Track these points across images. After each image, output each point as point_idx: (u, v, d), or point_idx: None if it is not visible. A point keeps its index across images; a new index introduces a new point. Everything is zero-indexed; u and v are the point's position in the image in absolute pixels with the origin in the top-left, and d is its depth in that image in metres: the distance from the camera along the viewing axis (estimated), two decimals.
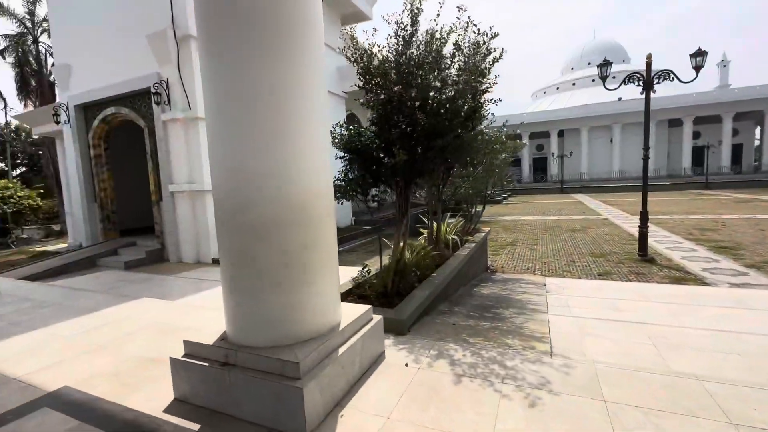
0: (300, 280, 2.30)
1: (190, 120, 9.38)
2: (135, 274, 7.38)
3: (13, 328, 3.95)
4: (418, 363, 2.80)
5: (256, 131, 2.15)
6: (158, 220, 10.21)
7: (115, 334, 3.68)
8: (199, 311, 4.31)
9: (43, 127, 13.48)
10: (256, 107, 2.14)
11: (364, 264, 5.00)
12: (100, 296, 5.10)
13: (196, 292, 5.60)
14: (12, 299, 5.11)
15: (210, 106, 2.27)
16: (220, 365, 2.27)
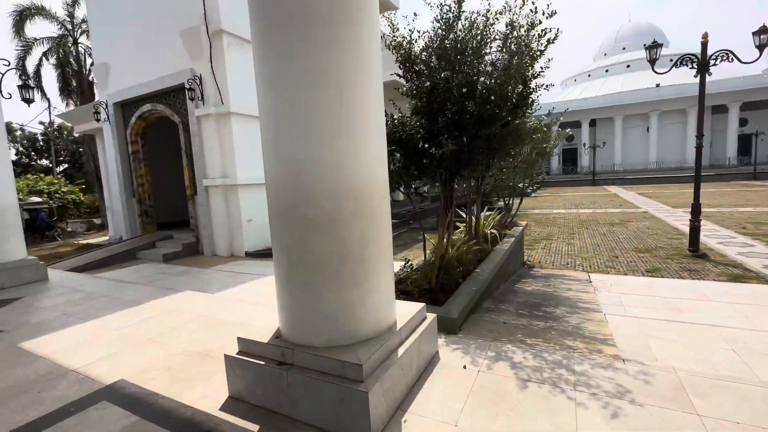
0: (358, 277, 2.17)
1: (222, 115, 9.48)
2: (173, 267, 7.55)
3: (66, 319, 4.06)
4: (477, 365, 2.64)
5: (313, 120, 2.03)
6: (193, 214, 10.44)
7: (162, 327, 3.70)
8: (242, 305, 4.30)
9: (85, 125, 14.05)
10: (313, 94, 2.01)
11: (406, 258, 4.85)
12: (144, 289, 5.20)
13: (234, 285, 5.63)
14: (63, 290, 5.30)
15: (264, 93, 2.15)
16: (276, 364, 2.18)
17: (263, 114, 2.18)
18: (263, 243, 10.22)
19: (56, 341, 3.48)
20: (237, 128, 9.60)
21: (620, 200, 20.62)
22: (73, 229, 17.57)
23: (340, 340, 2.16)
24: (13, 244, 5.77)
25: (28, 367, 2.97)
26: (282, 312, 2.32)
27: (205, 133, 9.74)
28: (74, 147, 31.66)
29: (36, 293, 5.22)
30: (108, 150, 12.33)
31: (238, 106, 9.61)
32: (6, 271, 5.60)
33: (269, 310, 4.04)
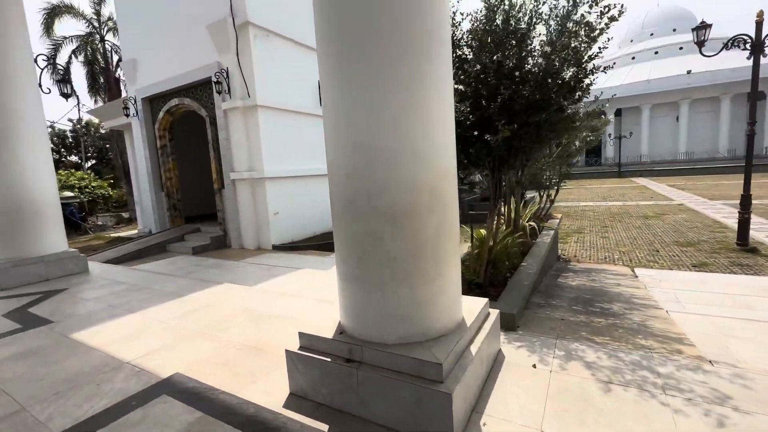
0: (432, 272, 2.03)
1: (249, 108, 9.46)
2: (205, 260, 7.60)
3: (113, 311, 4.08)
4: (547, 364, 2.47)
5: (389, 102, 1.87)
6: (220, 208, 10.52)
7: (208, 319, 3.66)
8: (284, 299, 4.23)
9: (113, 120, 14.33)
10: (389, 72, 1.85)
11: None
12: (182, 281, 5.21)
13: (270, 278, 5.59)
14: (105, 282, 5.36)
15: (331, 72, 2.00)
16: (344, 361, 2.07)
17: (329, 95, 2.04)
18: (290, 236, 10.23)
19: (106, 333, 3.49)
20: (264, 121, 9.57)
21: (650, 192, 19.84)
22: (103, 223, 18.07)
23: (413, 338, 2.03)
24: (55, 237, 5.88)
25: (83, 359, 2.96)
26: (346, 308, 2.20)
27: (232, 127, 9.75)
28: (101, 143, 32.58)
29: (79, 285, 5.31)
30: (137, 145, 12.54)
31: (265, 99, 9.57)
32: (49, 263, 5.71)
33: (313, 303, 3.97)
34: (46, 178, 5.80)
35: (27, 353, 3.14)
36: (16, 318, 4.05)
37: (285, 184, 10.33)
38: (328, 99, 2.06)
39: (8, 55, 5.44)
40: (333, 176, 2.14)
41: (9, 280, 5.35)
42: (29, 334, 3.57)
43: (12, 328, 3.74)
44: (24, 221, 5.57)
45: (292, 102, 10.51)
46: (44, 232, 5.73)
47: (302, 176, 10.88)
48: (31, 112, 5.64)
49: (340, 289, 2.26)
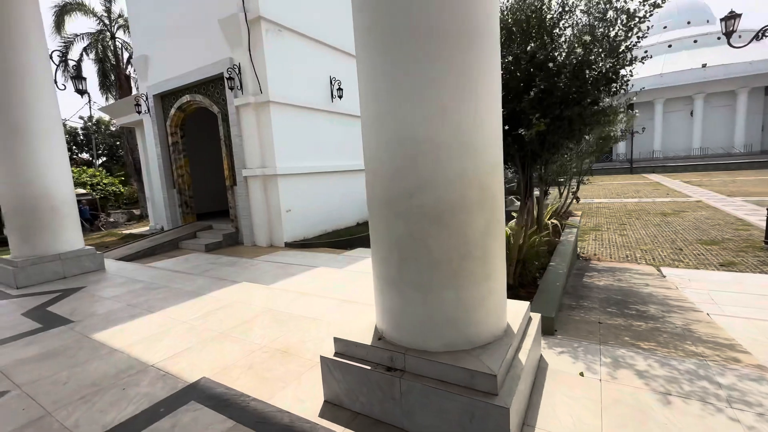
0: (479, 273, 1.90)
1: (261, 104, 9.37)
2: (219, 257, 7.54)
3: (132, 310, 4.01)
4: (595, 373, 2.33)
5: (435, 90, 1.73)
6: (232, 205, 10.46)
7: (231, 320, 3.57)
8: (305, 298, 4.12)
9: (125, 117, 14.34)
10: (440, 55, 1.71)
11: None
12: (200, 279, 5.14)
13: (287, 277, 5.50)
14: (122, 280, 5.31)
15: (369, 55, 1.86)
16: (385, 370, 1.95)
17: (367, 82, 1.90)
18: (301, 233, 10.16)
19: (128, 333, 3.41)
20: (276, 117, 9.47)
21: (665, 189, 19.44)
22: (115, 220, 18.18)
23: (459, 345, 1.90)
24: (71, 234, 5.84)
25: (106, 361, 2.89)
26: (385, 312, 2.08)
27: (244, 123, 9.67)
28: (111, 140, 32.83)
29: (96, 283, 5.26)
30: (148, 142, 12.54)
31: (277, 95, 9.46)
32: (66, 260, 5.68)
33: (336, 303, 3.85)
34: (62, 175, 5.76)
35: (49, 354, 3.08)
36: (35, 317, 4.01)
37: (297, 181, 10.24)
38: (368, 90, 1.93)
39: (25, 51, 5.38)
40: (372, 172, 2.01)
41: (27, 279, 5.33)
42: (50, 334, 3.51)
43: (32, 328, 3.68)
44: (41, 218, 5.53)
45: (304, 98, 10.39)
46: (61, 230, 5.70)
47: (314, 173, 10.78)
48: (47, 108, 5.59)
49: (378, 292, 2.14)
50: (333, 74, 11.39)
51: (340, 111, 11.63)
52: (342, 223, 11.71)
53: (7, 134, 5.31)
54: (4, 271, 5.43)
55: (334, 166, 11.53)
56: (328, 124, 11.28)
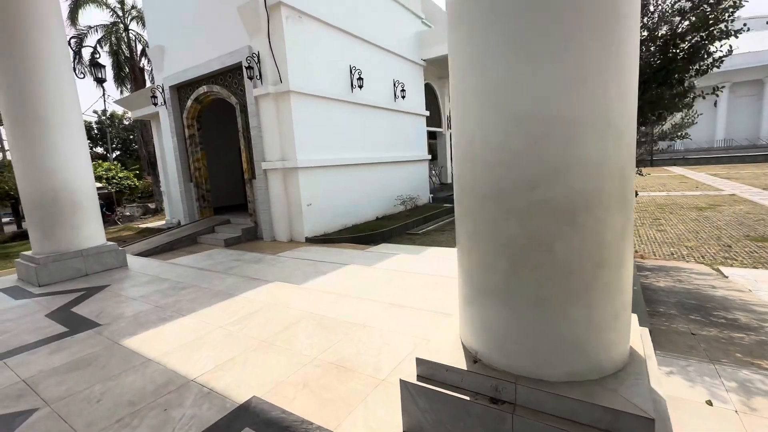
0: (614, 285, 1.52)
1: (281, 94, 9.02)
2: (242, 253, 7.26)
3: (162, 312, 3.72)
4: (725, 402, 1.95)
5: (563, 53, 1.34)
6: (251, 199, 10.19)
7: (272, 325, 3.25)
8: (347, 301, 3.78)
9: (141, 110, 14.14)
10: (567, 11, 1.33)
11: None
12: (228, 278, 4.85)
13: (318, 275, 5.18)
14: (147, 278, 5.05)
15: (478, 13, 1.48)
16: (489, 401, 1.60)
17: (467, 44, 1.52)
18: (321, 228, 9.85)
19: (161, 340, 3.12)
20: (296, 108, 9.12)
21: (693, 182, 18.69)
22: (131, 213, 18.13)
23: (585, 374, 1.54)
24: (93, 229, 5.60)
25: (141, 374, 2.59)
26: (484, 330, 1.72)
27: (264, 114, 9.34)
28: (125, 134, 32.92)
29: (120, 281, 5.01)
30: (164, 134, 12.31)
31: (298, 85, 9.10)
32: (88, 257, 5.44)
33: (383, 308, 3.50)
34: (83, 168, 5.50)
35: (78, 364, 2.80)
36: (60, 319, 3.75)
37: (317, 175, 9.91)
38: (469, 54, 1.54)
39: (44, 37, 5.09)
40: (469, 160, 1.63)
41: (48, 276, 5.10)
42: (77, 339, 3.25)
43: (58, 332, 3.42)
44: (62, 213, 5.29)
45: (324, 88, 10.01)
46: (82, 225, 5.45)
47: (334, 166, 10.44)
48: (67, 98, 5.31)
49: (468, 304, 1.78)
50: (352, 63, 10.97)
51: (360, 102, 11.23)
52: (361, 217, 11.37)
53: (27, 125, 5.05)
54: (26, 268, 5.22)
55: (354, 159, 11.16)
56: (347, 115, 10.90)
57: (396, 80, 13.16)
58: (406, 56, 13.59)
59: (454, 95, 1.68)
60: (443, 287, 4.28)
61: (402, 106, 13.37)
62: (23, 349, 3.10)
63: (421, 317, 3.22)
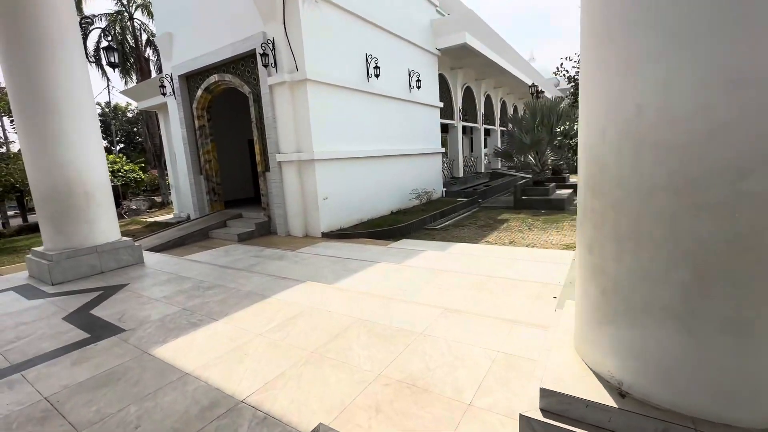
0: None
1: (297, 83, 8.61)
2: (260, 249, 6.92)
3: (191, 316, 3.39)
4: None
5: None
6: (264, 192, 9.84)
7: (318, 333, 2.91)
8: (394, 305, 3.43)
9: (148, 100, 13.74)
10: None
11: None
12: (255, 277, 4.50)
13: (349, 274, 4.83)
14: (167, 276, 4.72)
15: None
16: None
17: None
18: (337, 223, 9.50)
19: (195, 349, 2.78)
20: (313, 97, 8.72)
21: None
22: (137, 207, 17.81)
23: None
24: (107, 224, 5.25)
25: (181, 392, 2.25)
26: (641, 356, 1.35)
27: (278, 104, 8.94)
28: (128, 126, 32.51)
29: (139, 279, 4.68)
30: (173, 125, 11.93)
31: (314, 73, 8.68)
32: (103, 253, 5.11)
33: (439, 313, 3.15)
34: (96, 158, 5.14)
35: (106, 379, 2.46)
36: (79, 323, 3.42)
37: (334, 167, 9.54)
38: None
39: (54, 15, 4.70)
40: (629, 141, 1.26)
41: (62, 274, 4.77)
42: (101, 347, 2.91)
43: (78, 338, 3.09)
44: (75, 206, 4.94)
45: (340, 77, 9.59)
46: (96, 219, 5.11)
47: (351, 158, 10.06)
48: (79, 84, 4.94)
49: (615, 324, 1.42)
50: (369, 51, 10.53)
51: (376, 91, 10.81)
52: (376, 212, 11.01)
53: (37, 112, 4.69)
54: (38, 265, 4.89)
55: (370, 151, 10.77)
56: (363, 105, 10.49)
57: (411, 70, 12.71)
58: (420, 45, 13.12)
59: (600, 54, 1.30)
60: (489, 288, 3.94)
61: (417, 97, 12.94)
62: (43, 358, 2.78)
63: (485, 325, 2.88)
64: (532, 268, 5.29)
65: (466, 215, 12.28)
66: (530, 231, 9.26)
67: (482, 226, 10.16)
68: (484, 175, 21.31)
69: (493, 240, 8.51)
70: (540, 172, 13.37)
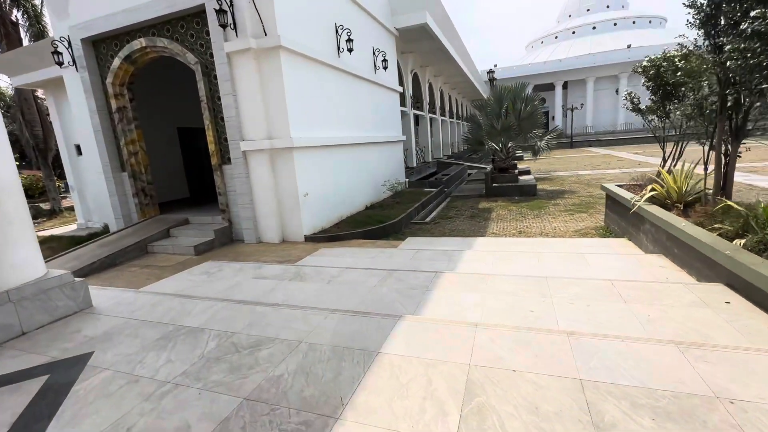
0: None
1: (266, 51, 6.88)
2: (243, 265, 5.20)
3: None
4: None
5: None
6: (222, 190, 7.87)
7: (519, 422, 1.73)
8: (607, 350, 2.33)
9: (28, 75, 10.22)
10: None
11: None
12: (314, 317, 3.01)
13: (422, 292, 3.62)
14: (157, 332, 2.94)
15: None
16: None
17: None
18: (318, 223, 8.02)
19: None
20: (288, 70, 7.05)
21: (624, 161, 20.37)
22: None
23: None
24: (25, 252, 3.20)
25: None
26: None
27: (241, 77, 7.08)
28: None
29: (107, 344, 2.82)
30: (75, 108, 8.99)
31: (289, 41, 7.01)
32: (23, 301, 3.07)
33: (684, 358, 2.17)
34: None
35: None
36: None
37: (314, 157, 8.00)
38: None
39: None
40: None
41: None
42: None
43: None
44: None
45: (315, 48, 8.02)
46: (6, 246, 3.05)
47: (330, 146, 8.58)
48: None
49: None
50: (337, 21, 9.04)
51: (348, 69, 9.40)
52: (354, 207, 9.72)
53: None
54: None
55: (348, 138, 9.39)
56: (335, 84, 9.03)
57: (375, 48, 11.49)
58: (382, 22, 11.93)
59: None
60: (623, 296, 3.13)
61: (382, 79, 11.79)
62: None
63: (738, 368, 2.00)
64: (601, 261, 4.68)
65: (443, 207, 11.61)
66: (525, 219, 8.91)
67: (472, 217, 9.55)
68: (432, 165, 21.04)
69: (499, 232, 7.91)
70: (506, 159, 13.28)
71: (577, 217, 8.68)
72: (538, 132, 13.06)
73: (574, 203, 10.13)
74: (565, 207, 9.81)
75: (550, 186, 13.36)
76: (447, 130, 26.79)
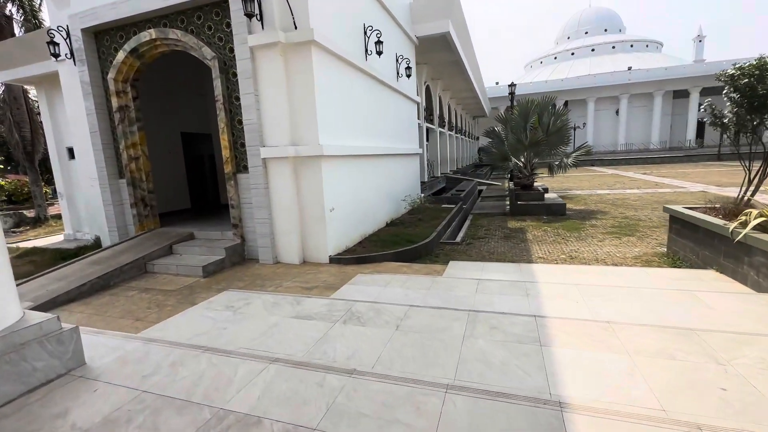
0: None
1: (296, 45, 6.05)
2: (299, 299, 4.18)
3: None
4: None
5: None
6: (236, 202, 6.90)
7: None
8: None
9: (21, 68, 9.23)
10: None
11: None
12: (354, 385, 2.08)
13: (537, 345, 2.70)
14: (144, 410, 1.95)
15: None
16: None
17: None
18: (343, 242, 7.08)
19: None
20: (319, 69, 6.22)
21: (638, 181, 19.91)
22: None
23: None
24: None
25: None
26: None
27: (265, 75, 6.22)
28: None
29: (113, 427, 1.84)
30: (71, 106, 8.02)
31: (323, 35, 6.21)
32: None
33: None
34: None
35: None
36: None
37: (341, 167, 7.12)
38: None
39: None
40: None
41: None
42: None
43: None
44: None
45: (345, 48, 7.23)
46: None
47: (357, 156, 7.73)
48: None
49: None
50: (366, 22, 8.31)
51: (375, 74, 8.62)
52: (375, 224, 8.79)
53: None
54: None
55: (375, 148, 8.56)
56: (362, 89, 8.23)
57: (399, 55, 10.78)
58: (405, 28, 11.27)
59: None
60: None
61: (403, 88, 11.06)
62: None
63: None
64: (721, 302, 3.82)
65: (468, 225, 10.77)
66: (568, 242, 8.08)
67: (506, 238, 8.69)
68: (441, 179, 20.32)
69: (546, 256, 7.05)
70: (529, 176, 12.57)
71: (626, 241, 7.87)
72: (565, 148, 12.42)
73: (613, 225, 9.35)
74: (605, 229, 9.02)
75: (575, 205, 12.65)
76: (453, 145, 26.25)
